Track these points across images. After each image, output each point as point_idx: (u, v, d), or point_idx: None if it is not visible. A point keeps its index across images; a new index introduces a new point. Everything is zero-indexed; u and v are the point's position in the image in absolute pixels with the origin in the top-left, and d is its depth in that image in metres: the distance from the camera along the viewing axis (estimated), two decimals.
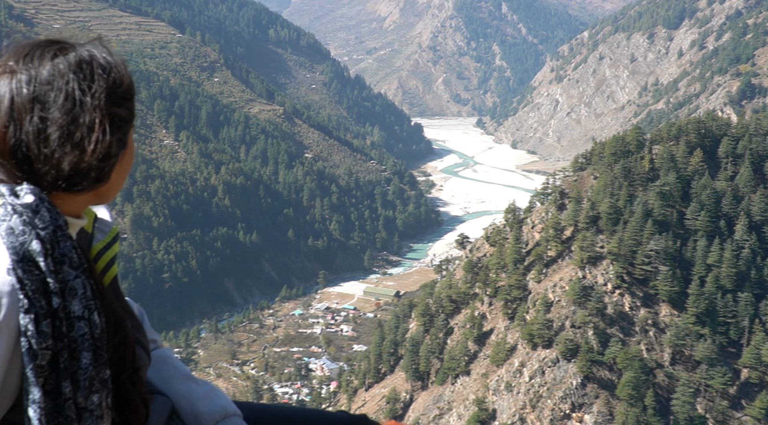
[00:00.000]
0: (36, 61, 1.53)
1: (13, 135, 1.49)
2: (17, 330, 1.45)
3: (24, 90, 1.50)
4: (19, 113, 1.49)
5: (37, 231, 1.47)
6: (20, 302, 1.44)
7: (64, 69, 1.53)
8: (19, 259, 1.45)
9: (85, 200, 1.64)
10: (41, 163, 1.50)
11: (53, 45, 1.57)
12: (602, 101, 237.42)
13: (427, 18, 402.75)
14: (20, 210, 1.48)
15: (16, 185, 1.51)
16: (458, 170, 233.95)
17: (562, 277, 72.41)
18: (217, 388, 2.06)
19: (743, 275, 68.01)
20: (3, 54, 1.58)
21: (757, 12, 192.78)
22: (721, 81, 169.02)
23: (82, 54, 1.58)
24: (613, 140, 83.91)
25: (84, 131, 1.51)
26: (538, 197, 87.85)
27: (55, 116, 1.49)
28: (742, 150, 78.47)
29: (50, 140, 1.49)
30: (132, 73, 1.31)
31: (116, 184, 1.66)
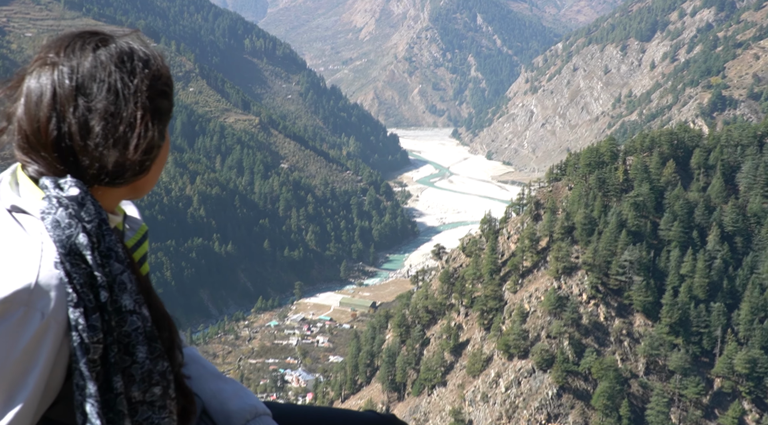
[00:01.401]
0: (78, 52, 1.53)
1: (55, 127, 1.48)
2: (65, 325, 1.44)
3: (66, 82, 1.49)
4: (62, 105, 1.48)
5: (83, 224, 1.46)
6: (69, 297, 1.43)
7: (106, 61, 1.53)
8: (67, 252, 1.44)
9: (122, 194, 1.64)
10: (85, 155, 1.49)
11: (93, 36, 1.57)
12: (576, 112, 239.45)
13: (403, 29, 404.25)
14: (66, 203, 1.46)
15: (59, 177, 1.50)
16: (434, 181, 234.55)
17: (537, 287, 72.74)
18: (245, 387, 2.03)
19: (715, 286, 68.74)
20: (43, 46, 1.56)
21: (727, 25, 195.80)
22: (693, 93, 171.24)
23: (122, 46, 1.57)
24: (587, 151, 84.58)
25: (128, 124, 1.51)
26: (513, 208, 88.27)
27: (98, 108, 1.49)
28: (714, 161, 79.49)
29: (94, 132, 1.48)
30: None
31: (153, 177, 1.66)
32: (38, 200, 1.50)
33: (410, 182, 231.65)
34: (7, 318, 1.37)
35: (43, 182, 1.49)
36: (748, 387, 61.95)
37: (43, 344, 1.41)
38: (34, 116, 1.49)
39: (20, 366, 1.39)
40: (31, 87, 1.51)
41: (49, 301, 1.41)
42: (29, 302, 1.39)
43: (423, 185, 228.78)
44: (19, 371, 1.39)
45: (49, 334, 1.41)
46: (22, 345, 1.38)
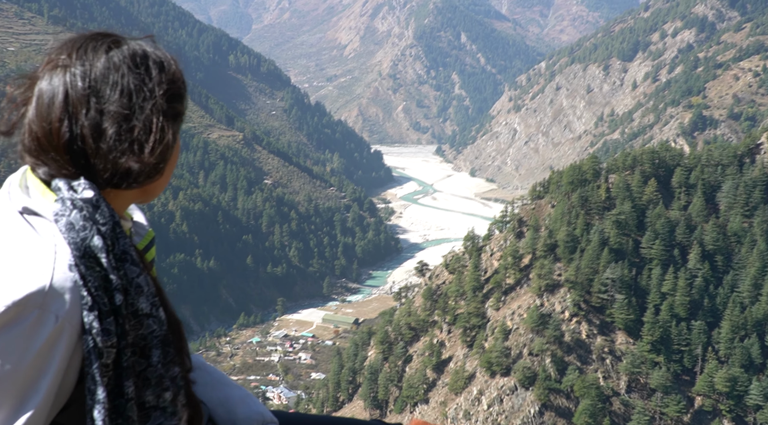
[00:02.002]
0: (90, 54, 1.51)
1: (67, 129, 1.46)
2: (79, 328, 1.42)
3: (79, 83, 1.47)
4: (74, 106, 1.46)
5: (98, 227, 1.44)
6: (83, 300, 1.41)
7: (119, 63, 1.51)
8: (81, 255, 1.42)
9: (132, 198, 1.62)
10: (97, 158, 1.47)
11: (106, 38, 1.55)
12: (559, 131, 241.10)
13: (388, 46, 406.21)
14: (80, 205, 1.44)
15: (72, 179, 1.48)
16: (418, 198, 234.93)
17: (520, 305, 72.87)
18: (251, 394, 2.01)
19: (696, 304, 69.18)
20: (54, 48, 1.56)
21: (708, 46, 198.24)
22: (674, 112, 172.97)
23: (135, 48, 1.56)
24: (570, 169, 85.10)
25: (143, 126, 1.49)
26: (496, 225, 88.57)
27: (111, 110, 1.47)
28: (695, 180, 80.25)
29: (107, 134, 1.46)
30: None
31: (164, 181, 1.64)
32: (50, 202, 1.48)
33: (394, 198, 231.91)
34: (21, 321, 1.35)
35: (56, 184, 1.47)
36: (729, 406, 62.21)
37: (56, 347, 1.39)
38: (46, 118, 1.48)
39: (33, 370, 1.37)
40: (42, 89, 1.50)
41: (63, 304, 1.39)
42: (43, 305, 1.37)
43: (406, 201, 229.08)
44: (32, 375, 1.37)
45: (63, 337, 1.40)
46: (35, 349, 1.37)
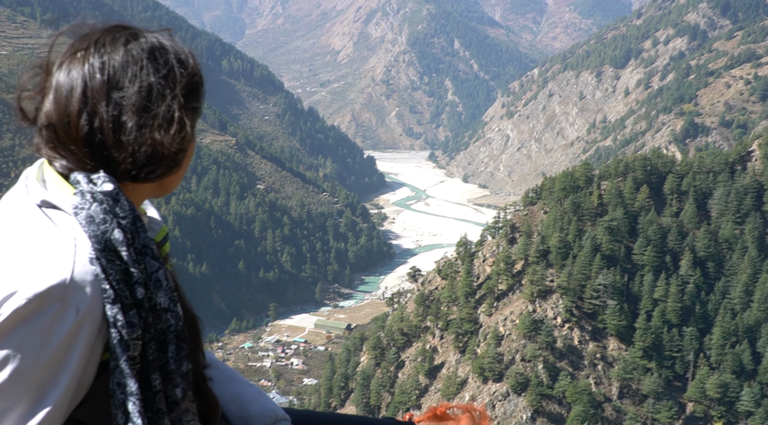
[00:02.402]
0: (108, 46, 1.50)
1: (86, 122, 1.44)
2: (99, 322, 1.40)
3: (98, 76, 1.46)
4: (94, 99, 1.45)
5: (118, 220, 1.43)
6: (105, 293, 1.40)
7: (138, 55, 1.50)
8: (102, 248, 1.41)
9: (149, 191, 1.60)
10: (117, 150, 1.46)
11: (124, 30, 1.54)
12: (552, 137, 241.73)
13: (381, 52, 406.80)
14: (100, 198, 1.43)
15: (91, 172, 1.47)
16: (410, 203, 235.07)
17: (512, 310, 72.95)
18: (264, 392, 1.99)
19: (688, 310, 69.41)
20: (73, 39, 1.55)
21: (699, 54, 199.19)
22: (666, 120, 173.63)
23: (152, 41, 1.55)
24: (562, 175, 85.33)
25: (161, 119, 1.48)
26: (489, 231, 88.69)
27: (131, 103, 1.45)
28: (687, 187, 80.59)
29: (126, 127, 1.45)
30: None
31: (180, 175, 1.63)
32: (68, 195, 1.47)
33: (387, 204, 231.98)
34: (41, 314, 1.34)
35: (74, 177, 1.46)
36: (720, 412, 62.36)
37: (77, 341, 1.38)
38: (64, 111, 1.46)
39: (53, 364, 1.36)
40: (60, 81, 1.49)
41: (84, 297, 1.38)
42: (64, 298, 1.36)
43: (399, 207, 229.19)
44: (52, 369, 1.36)
45: (83, 331, 1.38)
46: (56, 342, 1.35)
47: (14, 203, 1.51)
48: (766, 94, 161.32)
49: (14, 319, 1.32)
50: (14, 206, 1.50)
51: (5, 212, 1.50)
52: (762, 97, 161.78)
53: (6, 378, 1.32)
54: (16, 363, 1.32)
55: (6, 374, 1.32)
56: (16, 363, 1.32)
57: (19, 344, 1.33)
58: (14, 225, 1.46)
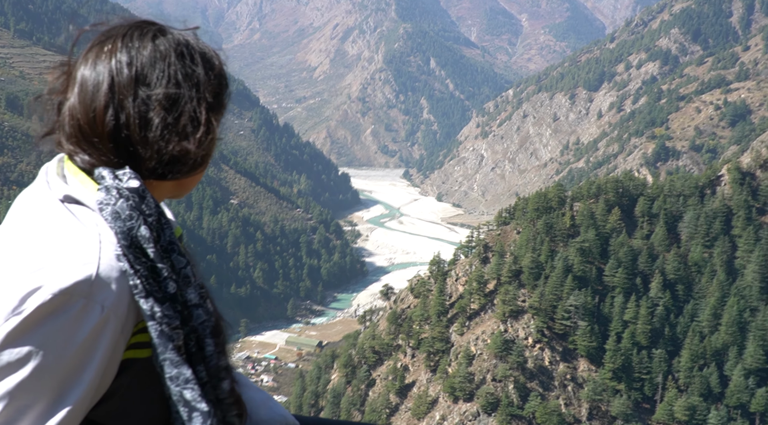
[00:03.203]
0: (136, 41, 1.48)
1: (113, 117, 1.43)
2: (123, 320, 1.38)
3: (125, 71, 1.45)
4: (120, 94, 1.43)
5: (144, 217, 1.42)
6: (136, 289, 1.38)
7: (166, 51, 1.48)
8: (129, 244, 1.39)
9: (169, 191, 1.59)
10: (143, 147, 1.45)
11: (151, 26, 1.52)
12: (526, 158, 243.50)
13: (357, 70, 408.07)
14: (126, 194, 1.41)
15: (116, 168, 1.45)
16: (384, 221, 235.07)
17: (484, 330, 73.05)
18: (272, 397, 1.97)
19: (657, 332, 69.97)
20: (98, 34, 1.54)
21: (671, 79, 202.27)
22: (638, 143, 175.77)
23: (180, 38, 1.53)
24: (535, 196, 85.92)
25: (188, 117, 1.47)
26: (462, 250, 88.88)
27: (158, 99, 1.44)
28: (657, 210, 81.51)
29: (153, 123, 1.44)
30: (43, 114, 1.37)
31: (199, 176, 1.62)
32: (92, 191, 1.46)
33: (360, 221, 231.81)
34: (65, 310, 1.32)
35: (99, 173, 1.44)
36: None
37: (101, 338, 1.35)
38: (90, 105, 1.45)
39: (76, 362, 1.33)
40: (85, 75, 1.48)
41: (109, 294, 1.35)
42: (89, 295, 1.33)
43: (373, 224, 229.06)
44: (75, 366, 1.34)
45: (107, 328, 1.36)
46: (80, 339, 1.33)
47: (35, 198, 1.49)
48: (735, 120, 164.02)
49: (38, 315, 1.30)
50: (35, 201, 1.48)
51: (27, 207, 1.48)
52: (731, 123, 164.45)
53: (27, 375, 1.30)
54: (38, 360, 1.30)
55: (28, 371, 1.30)
56: (39, 359, 1.30)
57: (42, 340, 1.30)
58: (37, 220, 1.44)
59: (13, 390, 1.30)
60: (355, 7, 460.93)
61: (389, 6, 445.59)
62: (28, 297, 1.30)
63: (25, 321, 1.30)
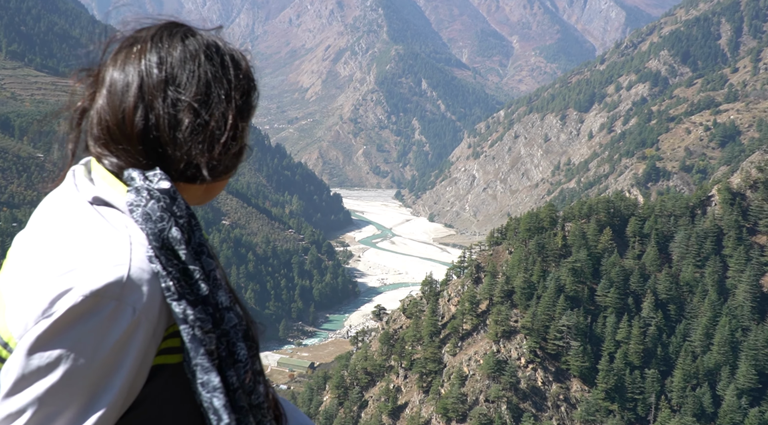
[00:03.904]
0: (165, 41, 1.47)
1: (142, 118, 1.41)
2: (155, 324, 1.35)
3: (155, 71, 1.44)
4: (150, 94, 1.42)
5: (175, 218, 1.39)
6: (168, 291, 1.35)
7: (195, 52, 1.47)
8: (160, 246, 1.36)
9: (196, 196, 1.56)
10: (173, 148, 1.43)
11: (180, 27, 1.51)
12: (517, 178, 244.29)
13: (349, 91, 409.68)
14: (157, 195, 1.39)
15: (146, 169, 1.43)
16: (376, 242, 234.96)
17: (477, 350, 72.91)
18: (297, 408, 1.95)
19: (650, 352, 69.97)
20: (126, 37, 1.52)
21: (661, 100, 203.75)
22: (629, 163, 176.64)
23: (209, 40, 1.52)
24: (527, 216, 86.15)
25: (218, 118, 1.46)
26: (454, 271, 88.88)
27: (188, 100, 1.43)
28: (648, 230, 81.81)
29: (183, 124, 1.42)
30: (45, 133, 1.33)
31: (224, 181, 1.60)
32: (121, 192, 1.43)
33: (352, 242, 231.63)
34: (97, 312, 1.29)
35: (129, 174, 1.42)
36: None
37: (132, 342, 1.32)
38: (119, 107, 1.44)
39: (107, 366, 1.30)
40: (114, 77, 1.46)
41: (141, 296, 1.32)
42: (121, 297, 1.30)
43: (365, 245, 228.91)
44: (106, 371, 1.30)
45: (139, 331, 1.33)
46: (111, 343, 1.29)
47: (63, 200, 1.47)
48: (724, 141, 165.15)
49: (69, 317, 1.28)
50: (63, 203, 1.46)
51: (54, 209, 1.47)
52: (721, 144, 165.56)
53: (58, 380, 1.27)
54: (69, 364, 1.27)
55: (58, 375, 1.27)
56: (69, 363, 1.27)
57: (73, 343, 1.28)
58: (65, 222, 1.41)
59: (43, 396, 1.27)
60: (347, 29, 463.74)
61: (381, 28, 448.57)
62: (58, 299, 1.29)
63: (55, 324, 1.27)
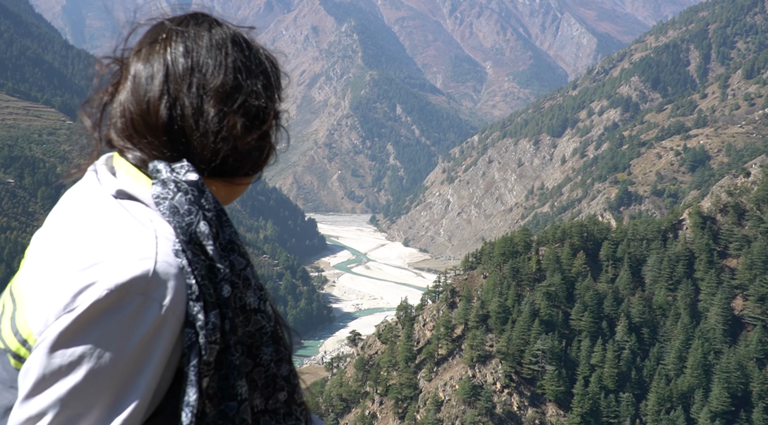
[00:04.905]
0: (192, 30, 1.42)
1: (167, 108, 1.36)
2: (182, 320, 1.27)
3: (181, 60, 1.39)
4: (176, 85, 1.37)
5: (203, 212, 1.32)
6: (190, 288, 1.27)
7: (222, 41, 1.42)
8: (188, 240, 1.29)
9: (219, 195, 1.49)
10: (198, 139, 1.38)
11: (205, 17, 1.46)
12: (491, 203, 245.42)
13: (324, 116, 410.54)
14: (185, 188, 1.32)
15: (173, 161, 1.37)
16: (351, 267, 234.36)
17: (452, 375, 72.68)
18: (320, 419, 1.79)
19: (624, 376, 70.16)
20: (150, 28, 1.47)
21: (632, 125, 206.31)
22: (601, 188, 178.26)
23: (234, 30, 1.47)
24: (502, 240, 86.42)
25: (245, 108, 1.41)
26: (429, 295, 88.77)
27: (214, 90, 1.38)
28: (622, 254, 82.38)
29: (209, 114, 1.37)
30: (16, 158, 1.30)
31: (249, 179, 1.59)
32: (145, 186, 1.37)
33: (327, 267, 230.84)
34: (122, 308, 1.21)
35: (155, 166, 1.36)
36: None
37: (159, 339, 1.24)
38: (143, 97, 1.39)
39: (132, 365, 1.22)
40: (139, 68, 1.41)
41: (168, 291, 1.25)
42: (147, 291, 1.23)
43: (340, 270, 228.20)
44: (131, 370, 1.22)
45: (165, 328, 1.25)
46: (136, 340, 1.21)
47: (86, 194, 1.41)
48: (695, 165, 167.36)
49: (92, 312, 1.20)
50: (86, 196, 1.40)
51: (76, 203, 1.40)
52: (691, 168, 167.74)
53: (80, 380, 1.19)
54: (92, 362, 1.19)
55: (81, 374, 1.19)
56: (93, 362, 1.19)
57: (96, 340, 1.20)
58: (88, 216, 1.34)
59: (65, 397, 1.19)
60: (322, 54, 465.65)
61: (356, 53, 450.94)
62: (81, 293, 1.21)
63: (78, 320, 1.20)
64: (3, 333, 1.29)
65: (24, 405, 1.20)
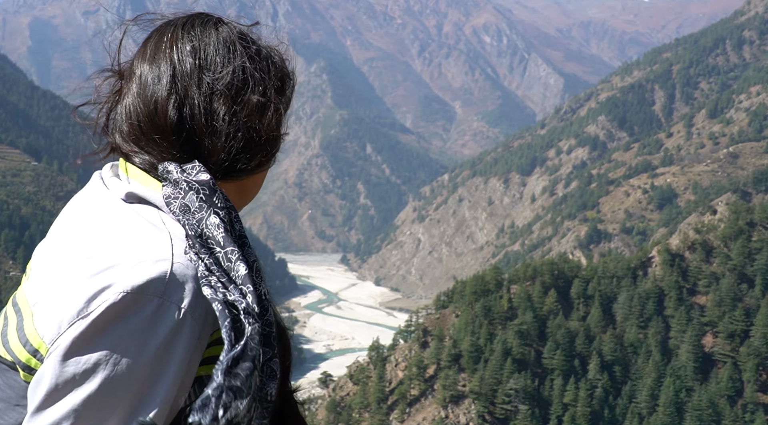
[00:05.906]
0: (198, 29, 1.39)
1: (176, 108, 1.32)
2: (201, 323, 1.20)
3: (188, 59, 1.35)
4: (184, 83, 1.34)
5: (216, 210, 1.26)
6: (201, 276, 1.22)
7: (230, 39, 1.39)
8: (198, 235, 1.24)
9: (232, 194, 1.45)
10: (209, 138, 1.34)
11: (210, 16, 1.43)
12: (462, 241, 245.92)
13: (294, 155, 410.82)
14: (196, 187, 1.27)
15: (182, 163, 1.32)
16: (322, 307, 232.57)
17: (425, 416, 71.82)
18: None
19: (597, 415, 69.82)
20: (153, 29, 1.44)
21: (600, 164, 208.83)
22: (571, 226, 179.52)
23: (240, 28, 1.44)
24: (473, 279, 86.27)
25: (256, 104, 1.38)
26: (401, 335, 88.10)
27: (223, 87, 1.35)
28: (592, 291, 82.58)
29: (218, 112, 1.33)
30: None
31: (261, 180, 1.57)
32: (155, 188, 1.33)
33: (298, 307, 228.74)
34: (138, 311, 1.15)
35: (165, 167, 1.31)
36: None
37: (177, 344, 1.17)
38: (150, 97, 1.34)
39: (150, 372, 1.15)
40: (145, 70, 1.37)
41: (185, 294, 1.19)
42: (164, 294, 1.17)
43: (311, 310, 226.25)
44: (149, 378, 1.15)
45: (184, 332, 1.18)
46: (154, 345, 1.15)
47: (93, 199, 1.37)
48: (662, 203, 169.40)
49: (107, 317, 1.14)
50: (95, 202, 1.36)
51: (83, 210, 1.36)
52: (659, 206, 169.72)
53: (96, 389, 1.12)
54: (108, 370, 1.13)
55: (96, 383, 1.12)
56: (109, 369, 1.13)
57: (112, 347, 1.13)
58: (98, 221, 1.30)
59: (80, 408, 1.11)
60: None
61: (325, 93, 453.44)
62: (95, 298, 1.16)
63: (92, 325, 1.14)
64: (11, 344, 1.22)
65: (35, 417, 1.13)
